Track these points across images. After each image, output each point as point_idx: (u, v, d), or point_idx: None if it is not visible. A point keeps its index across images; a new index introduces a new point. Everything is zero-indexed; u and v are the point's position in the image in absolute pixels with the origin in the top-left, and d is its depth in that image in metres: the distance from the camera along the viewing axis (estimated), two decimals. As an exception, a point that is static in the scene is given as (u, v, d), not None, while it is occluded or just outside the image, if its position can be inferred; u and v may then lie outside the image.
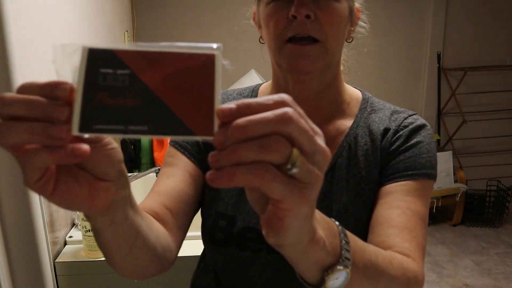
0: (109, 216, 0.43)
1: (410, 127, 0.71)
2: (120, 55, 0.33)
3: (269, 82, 0.80)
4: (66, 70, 0.33)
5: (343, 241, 0.44)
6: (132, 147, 1.73)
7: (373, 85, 3.36)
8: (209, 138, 0.32)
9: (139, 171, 1.73)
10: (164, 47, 0.34)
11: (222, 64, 0.37)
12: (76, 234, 1.18)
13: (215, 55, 0.37)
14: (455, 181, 3.09)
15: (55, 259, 1.07)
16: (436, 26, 3.33)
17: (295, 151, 0.32)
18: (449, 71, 3.41)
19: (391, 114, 0.74)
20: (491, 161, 3.65)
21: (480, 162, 3.63)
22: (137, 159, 1.73)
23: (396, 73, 3.42)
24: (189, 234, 1.22)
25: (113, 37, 1.88)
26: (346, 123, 0.74)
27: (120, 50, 0.33)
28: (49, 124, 0.32)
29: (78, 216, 1.23)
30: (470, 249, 2.84)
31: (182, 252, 1.13)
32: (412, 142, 0.70)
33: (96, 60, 0.32)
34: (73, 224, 1.24)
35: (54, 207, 1.09)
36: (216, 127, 0.33)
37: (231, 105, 0.33)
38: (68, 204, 0.37)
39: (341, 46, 0.70)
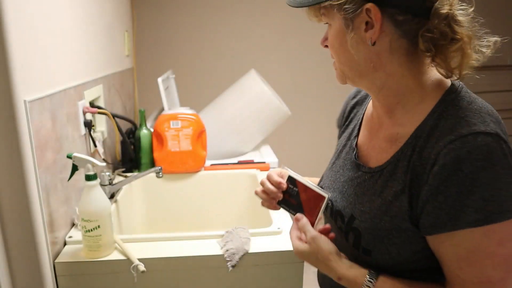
0: None
1: (443, 160, 0.61)
2: (296, 182, 0.87)
3: None
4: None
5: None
6: (132, 147, 1.73)
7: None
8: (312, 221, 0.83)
9: (139, 171, 1.73)
10: (311, 185, 0.85)
11: (328, 201, 0.84)
12: (76, 234, 1.18)
13: (326, 197, 0.83)
14: (455, 181, 3.08)
15: (54, 259, 1.07)
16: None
17: None
18: (449, 71, 3.41)
19: (451, 130, 0.62)
20: (491, 161, 3.64)
21: (480, 162, 3.62)
22: (137, 159, 1.73)
23: (396, 73, 3.42)
24: (192, 234, 1.22)
25: (113, 37, 1.88)
26: (407, 128, 0.70)
27: (298, 180, 0.87)
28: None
29: (77, 216, 1.23)
30: (470, 249, 2.83)
31: (185, 252, 1.14)
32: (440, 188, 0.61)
33: (289, 181, 0.88)
34: (73, 224, 1.24)
35: (54, 207, 1.09)
36: (318, 220, 0.84)
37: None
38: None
39: (357, 61, 0.70)
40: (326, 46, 0.74)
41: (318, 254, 0.74)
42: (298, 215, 0.82)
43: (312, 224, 0.80)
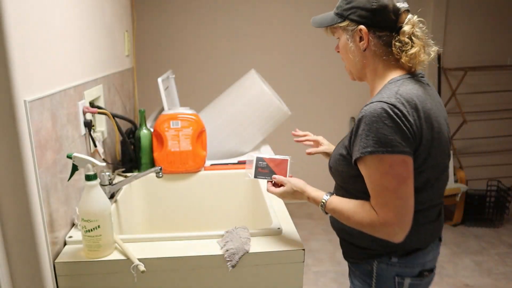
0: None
1: (359, 116, 1.01)
2: (263, 158, 1.27)
3: None
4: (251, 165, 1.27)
5: (320, 204, 1.10)
6: (132, 147, 1.73)
7: (373, 85, 3.35)
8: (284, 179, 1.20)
9: (139, 171, 1.73)
10: (274, 156, 1.28)
11: (290, 162, 1.26)
12: (76, 234, 1.18)
13: (288, 159, 1.26)
14: (455, 181, 3.08)
15: (54, 259, 1.07)
16: (436, 26, 3.33)
17: None
18: (449, 71, 3.41)
19: (371, 100, 1.01)
20: (492, 161, 3.65)
21: (480, 162, 3.62)
22: (137, 159, 1.73)
23: (396, 73, 3.42)
24: (192, 234, 1.22)
25: (113, 37, 1.88)
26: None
27: (265, 157, 1.27)
28: None
29: (77, 216, 1.23)
30: (470, 249, 2.84)
31: (185, 252, 1.14)
32: (355, 131, 1.02)
33: (258, 160, 1.27)
34: (73, 224, 1.24)
35: (54, 207, 1.09)
36: (288, 176, 1.24)
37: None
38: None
39: (355, 62, 1.09)
40: (338, 51, 1.14)
41: (293, 187, 1.16)
42: (274, 175, 1.23)
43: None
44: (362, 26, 1.03)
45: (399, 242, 0.99)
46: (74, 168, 1.13)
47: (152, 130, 1.71)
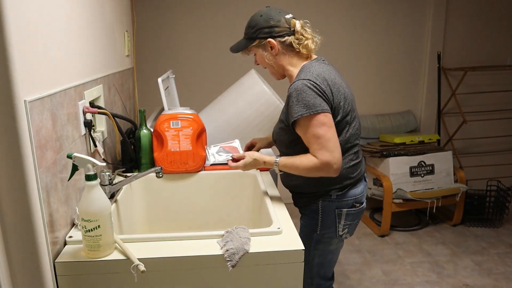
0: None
1: (287, 92, 1.37)
2: (220, 146, 1.78)
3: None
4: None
5: (274, 164, 1.43)
6: (132, 147, 1.73)
7: (373, 85, 3.35)
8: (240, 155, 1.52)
9: (139, 171, 1.73)
10: (225, 144, 1.79)
11: (239, 144, 1.80)
12: (76, 234, 1.18)
13: (237, 141, 1.82)
14: (455, 181, 3.08)
15: (55, 259, 1.07)
16: (436, 26, 3.33)
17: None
18: (449, 71, 3.41)
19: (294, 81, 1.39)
20: (491, 161, 3.65)
21: (480, 162, 3.62)
22: (137, 159, 1.73)
23: (396, 73, 3.42)
24: (192, 234, 1.22)
25: (113, 37, 1.88)
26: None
27: (219, 146, 1.78)
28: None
29: (78, 216, 1.23)
30: (470, 249, 2.84)
31: (185, 252, 1.14)
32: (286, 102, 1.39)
33: (213, 149, 1.78)
34: (73, 224, 1.24)
35: (54, 207, 1.09)
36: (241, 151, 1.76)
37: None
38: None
39: (274, 66, 1.46)
40: (258, 64, 1.51)
41: (252, 157, 1.46)
42: (233, 154, 1.53)
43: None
44: (269, 39, 1.40)
45: (336, 176, 1.35)
46: (74, 168, 1.13)
47: (152, 130, 1.71)
